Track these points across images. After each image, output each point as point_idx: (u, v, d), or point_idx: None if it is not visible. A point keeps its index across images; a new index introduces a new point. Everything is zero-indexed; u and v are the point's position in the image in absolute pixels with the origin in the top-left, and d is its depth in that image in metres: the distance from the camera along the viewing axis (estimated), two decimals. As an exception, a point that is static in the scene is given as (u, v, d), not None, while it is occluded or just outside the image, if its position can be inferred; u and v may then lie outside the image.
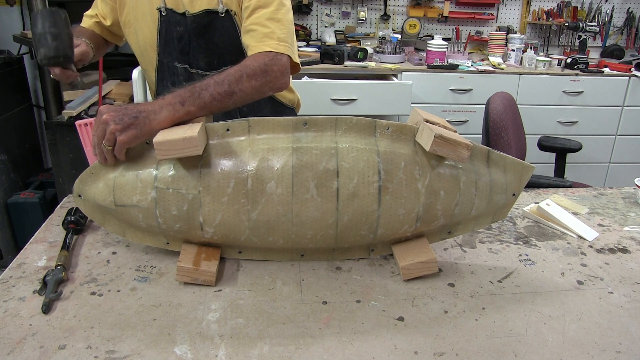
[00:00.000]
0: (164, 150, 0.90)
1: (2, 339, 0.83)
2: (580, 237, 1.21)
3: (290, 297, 0.96)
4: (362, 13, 3.43)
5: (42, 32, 1.07)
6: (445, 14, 3.47)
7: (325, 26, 3.41)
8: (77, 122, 1.14)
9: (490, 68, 3.09)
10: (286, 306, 0.94)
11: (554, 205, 1.29)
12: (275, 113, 1.43)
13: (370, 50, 3.16)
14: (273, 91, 1.17)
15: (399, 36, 3.25)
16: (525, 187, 1.10)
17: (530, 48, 3.30)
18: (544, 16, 3.53)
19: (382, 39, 3.26)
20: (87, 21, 1.45)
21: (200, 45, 1.29)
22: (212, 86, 1.04)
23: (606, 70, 3.22)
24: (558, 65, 3.25)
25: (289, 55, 1.17)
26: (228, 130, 0.98)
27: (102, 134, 0.95)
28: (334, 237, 1.01)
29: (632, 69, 3.17)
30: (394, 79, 2.98)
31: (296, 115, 1.48)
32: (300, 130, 0.99)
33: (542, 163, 2.70)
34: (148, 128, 0.96)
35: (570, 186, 1.99)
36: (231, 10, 1.25)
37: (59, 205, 1.30)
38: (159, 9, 1.28)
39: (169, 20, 1.28)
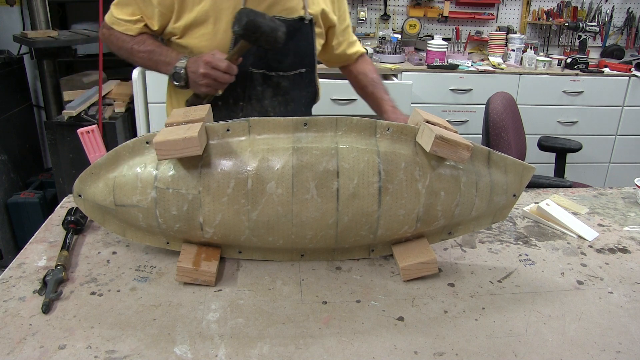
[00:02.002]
0: (164, 150, 0.90)
1: (2, 339, 0.83)
2: (580, 237, 1.21)
3: (290, 297, 0.96)
4: (362, 13, 3.43)
5: (269, 23, 1.16)
6: (445, 14, 3.47)
7: (325, 26, 3.41)
8: (80, 130, 1.14)
9: (490, 68, 3.09)
10: (286, 306, 0.94)
11: (554, 205, 1.29)
12: (309, 108, 1.55)
13: (370, 50, 3.16)
14: None
15: (399, 36, 3.25)
16: (525, 187, 1.10)
17: (530, 48, 3.30)
18: (544, 16, 3.53)
19: (382, 39, 3.26)
20: (131, 27, 1.32)
21: (289, 49, 1.33)
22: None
23: (606, 70, 3.22)
24: (558, 65, 3.25)
25: None
26: (228, 130, 0.98)
27: None
28: (334, 238, 1.01)
29: (632, 69, 3.17)
30: (394, 79, 2.98)
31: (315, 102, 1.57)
32: (301, 131, 0.99)
33: (542, 163, 2.70)
34: None
35: (570, 186, 1.99)
36: (313, 21, 1.38)
37: (59, 205, 1.30)
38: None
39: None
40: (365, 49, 2.62)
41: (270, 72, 1.35)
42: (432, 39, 3.18)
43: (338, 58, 1.57)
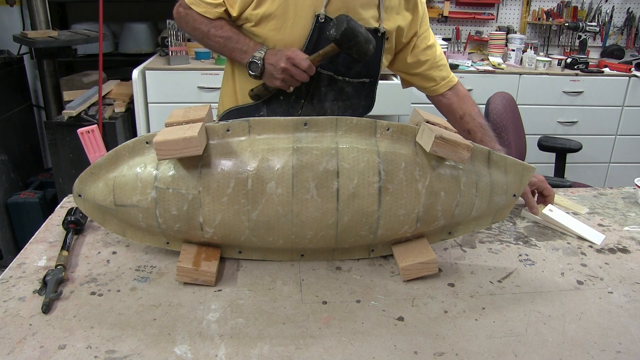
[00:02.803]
0: (164, 150, 0.90)
1: (2, 339, 0.83)
2: (588, 241, 1.20)
3: (290, 297, 0.96)
4: (362, 13, 3.42)
5: (365, 33, 1.19)
6: (445, 14, 3.47)
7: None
8: (80, 130, 1.14)
9: (490, 68, 3.10)
10: (286, 306, 0.94)
11: (557, 210, 1.28)
12: (367, 107, 1.53)
13: (370, 50, 3.16)
14: None
15: (399, 36, 3.25)
16: (525, 187, 1.10)
17: (530, 48, 3.30)
18: (544, 16, 3.53)
19: (382, 39, 3.26)
20: (214, 11, 1.30)
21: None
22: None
23: (606, 70, 3.22)
24: (558, 65, 3.25)
25: None
26: (228, 130, 0.98)
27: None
28: (334, 238, 1.01)
29: (632, 69, 3.17)
30: (394, 79, 2.98)
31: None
32: (301, 131, 0.99)
33: (542, 163, 2.70)
34: None
35: (570, 186, 1.99)
36: (387, 35, 1.36)
37: (59, 205, 1.30)
38: (317, 15, 1.27)
39: (323, 28, 1.28)
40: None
41: (338, 76, 1.34)
42: (432, 39, 3.18)
43: (420, 80, 1.51)
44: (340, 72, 1.34)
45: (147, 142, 0.99)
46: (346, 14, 1.21)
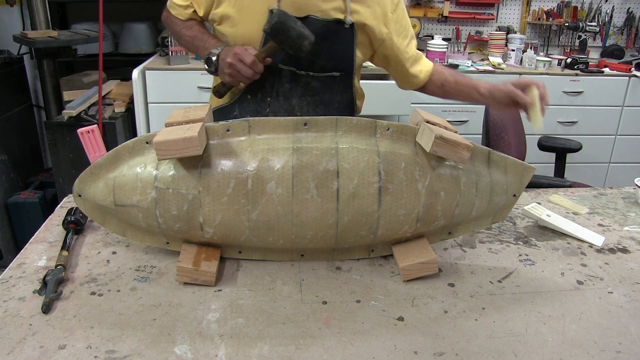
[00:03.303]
0: (164, 150, 0.90)
1: (2, 339, 0.83)
2: (588, 243, 1.20)
3: (290, 297, 0.96)
4: (362, 13, 3.42)
5: (298, 30, 1.18)
6: (445, 14, 3.47)
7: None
8: (80, 130, 1.14)
9: (490, 68, 3.09)
10: (286, 306, 0.94)
11: (555, 215, 1.28)
12: (346, 103, 1.51)
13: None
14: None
15: (399, 36, 3.24)
16: (525, 187, 1.10)
17: (530, 48, 3.30)
18: (544, 16, 3.53)
19: (382, 39, 3.26)
20: (183, 12, 1.40)
21: (321, 49, 1.31)
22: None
23: (606, 70, 3.22)
24: (558, 65, 3.25)
25: None
26: (228, 130, 0.98)
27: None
28: (334, 238, 1.01)
29: (632, 69, 3.17)
30: (394, 79, 2.97)
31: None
32: (301, 131, 0.99)
33: (542, 163, 2.70)
34: None
35: (570, 186, 1.99)
36: (355, 26, 1.33)
37: (59, 205, 1.30)
38: (271, 10, 1.27)
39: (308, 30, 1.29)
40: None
41: (300, 70, 1.34)
42: (432, 39, 3.18)
43: (403, 78, 1.50)
44: (302, 67, 1.33)
45: (147, 142, 0.99)
46: (281, 10, 1.21)
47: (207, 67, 1.30)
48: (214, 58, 1.27)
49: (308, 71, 1.34)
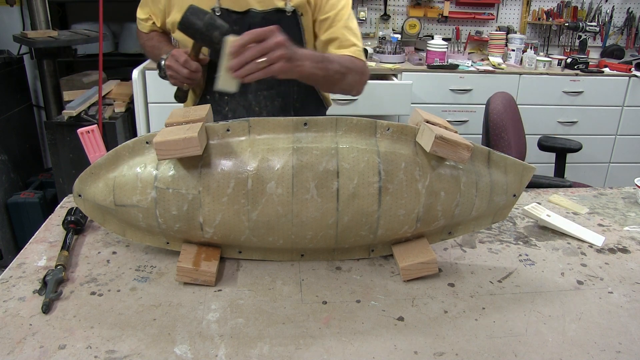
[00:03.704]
0: (164, 150, 0.90)
1: (2, 339, 0.83)
2: (588, 243, 1.20)
3: (290, 297, 0.96)
4: (362, 13, 3.43)
5: (205, 22, 1.18)
6: (445, 14, 3.47)
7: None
8: (80, 130, 1.14)
9: (490, 68, 3.10)
10: (286, 306, 0.94)
11: (555, 215, 1.28)
12: (317, 110, 1.51)
13: (370, 50, 3.16)
14: (357, 92, 1.36)
15: (399, 36, 3.25)
16: (525, 187, 1.10)
17: (530, 48, 3.30)
18: (544, 16, 3.53)
19: (382, 39, 3.26)
20: (145, 25, 1.49)
21: None
22: (336, 63, 1.19)
23: (606, 70, 3.22)
24: (558, 65, 3.25)
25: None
26: (228, 130, 0.98)
27: (269, 50, 0.97)
28: (334, 238, 1.01)
29: (632, 69, 3.17)
30: (394, 79, 2.98)
31: (326, 114, 1.55)
32: (301, 131, 0.99)
33: (542, 163, 2.70)
34: (294, 72, 1.04)
35: (570, 186, 1.99)
36: (298, 12, 1.33)
37: (59, 205, 1.30)
38: (212, 9, 1.29)
39: (223, 20, 1.29)
40: (365, 49, 2.57)
41: None
42: (432, 39, 3.18)
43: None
44: None
45: (147, 142, 0.99)
46: (193, 5, 1.21)
47: (158, 73, 1.32)
48: (162, 63, 1.29)
49: None
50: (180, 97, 1.39)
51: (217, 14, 1.29)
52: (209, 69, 1.36)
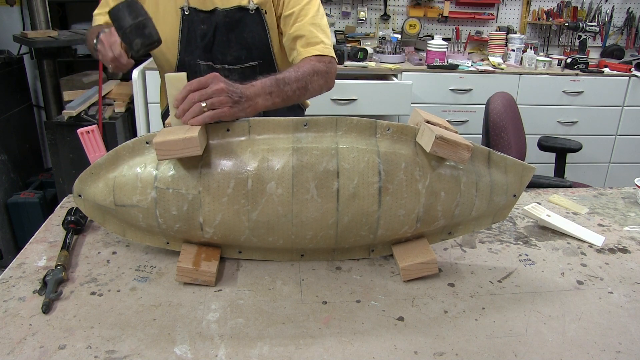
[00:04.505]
0: (164, 151, 0.90)
1: (2, 339, 0.83)
2: (588, 243, 1.20)
3: (290, 297, 0.96)
4: (362, 13, 3.43)
5: (133, 24, 1.09)
6: (445, 14, 3.47)
7: (325, 26, 3.40)
8: (79, 130, 1.14)
9: (490, 68, 3.09)
10: (286, 306, 0.94)
11: (555, 215, 1.28)
12: (290, 111, 1.48)
13: (370, 50, 3.16)
14: (327, 90, 1.31)
15: (399, 36, 3.25)
16: (525, 187, 1.10)
17: (530, 48, 3.30)
18: (544, 16, 3.53)
19: (382, 39, 3.26)
20: (101, 19, 1.41)
21: (230, 40, 1.31)
22: (294, 82, 1.14)
23: (606, 70, 3.22)
24: (558, 65, 3.25)
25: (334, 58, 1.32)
26: (228, 130, 0.98)
27: (209, 96, 0.94)
28: (334, 238, 1.01)
29: (632, 69, 3.17)
30: (394, 79, 2.98)
31: (304, 115, 1.52)
32: (301, 131, 0.99)
33: (542, 163, 2.70)
34: (245, 113, 1.01)
35: (570, 186, 1.99)
36: (262, 9, 1.31)
37: (59, 205, 1.30)
38: (181, 9, 1.29)
39: (191, 19, 1.30)
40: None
41: (216, 64, 1.33)
42: (432, 39, 3.18)
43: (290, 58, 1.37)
44: (218, 60, 1.33)
45: (147, 142, 0.99)
46: (123, 2, 1.10)
47: (93, 44, 1.20)
48: (100, 35, 1.17)
49: (224, 64, 1.33)
50: (108, 73, 1.32)
51: (186, 13, 1.28)
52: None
